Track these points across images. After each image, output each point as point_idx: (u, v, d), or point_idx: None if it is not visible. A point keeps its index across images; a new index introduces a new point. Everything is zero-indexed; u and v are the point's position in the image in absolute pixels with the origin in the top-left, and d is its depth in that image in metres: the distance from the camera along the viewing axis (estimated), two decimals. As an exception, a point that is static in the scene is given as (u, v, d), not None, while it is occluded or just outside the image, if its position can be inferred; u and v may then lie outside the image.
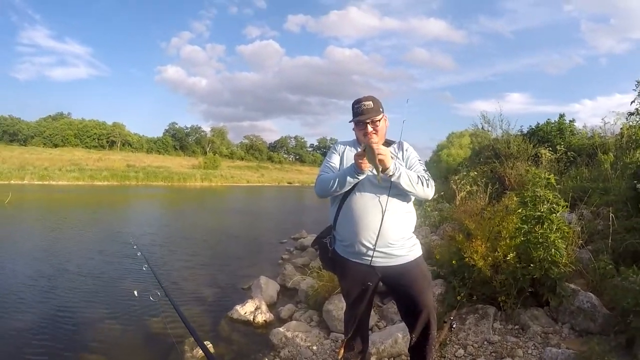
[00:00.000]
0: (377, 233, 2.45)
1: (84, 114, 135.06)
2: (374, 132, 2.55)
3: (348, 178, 2.39)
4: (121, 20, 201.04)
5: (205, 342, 4.23)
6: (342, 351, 3.04)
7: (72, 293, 6.24)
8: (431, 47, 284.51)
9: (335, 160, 2.68)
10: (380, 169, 2.22)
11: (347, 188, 2.46)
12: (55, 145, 68.45)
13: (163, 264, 8.39)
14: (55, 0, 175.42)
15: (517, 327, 3.80)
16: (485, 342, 3.62)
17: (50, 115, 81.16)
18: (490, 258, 4.04)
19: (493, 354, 3.45)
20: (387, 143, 2.65)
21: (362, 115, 2.55)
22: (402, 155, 2.62)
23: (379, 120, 2.56)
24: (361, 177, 2.39)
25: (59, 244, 10.28)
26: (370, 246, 2.48)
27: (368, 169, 2.32)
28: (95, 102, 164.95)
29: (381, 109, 2.58)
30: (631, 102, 5.85)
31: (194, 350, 4.15)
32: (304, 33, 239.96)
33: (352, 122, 2.63)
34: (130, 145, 78.81)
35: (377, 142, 2.53)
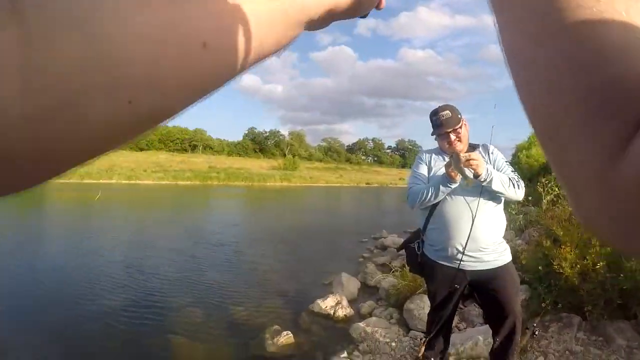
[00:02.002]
0: (470, 238, 2.51)
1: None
2: (457, 140, 2.61)
3: (441, 188, 2.48)
4: None
5: (285, 332, 4.48)
6: (422, 349, 3.12)
7: (160, 279, 6.77)
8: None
9: (423, 170, 2.75)
10: (473, 175, 2.32)
11: (441, 198, 2.54)
12: (141, 149, 72.58)
13: (246, 256, 8.85)
14: None
15: (601, 339, 3.67)
16: (567, 352, 3.54)
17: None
18: (578, 266, 3.92)
19: (574, 364, 3.38)
20: (472, 147, 2.69)
21: (443, 126, 2.60)
22: (489, 158, 2.65)
23: (460, 128, 2.61)
24: (453, 186, 2.47)
25: (146, 235, 11.16)
26: (462, 250, 2.53)
27: (459, 178, 2.41)
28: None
29: (459, 116, 2.61)
30: None
31: (275, 339, 4.38)
32: (375, 37, 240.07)
33: (435, 135, 2.69)
34: (212, 149, 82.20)
35: (462, 149, 2.60)
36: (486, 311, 2.83)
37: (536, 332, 3.67)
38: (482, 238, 2.52)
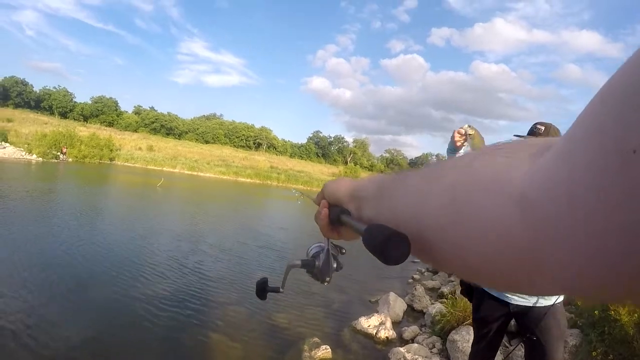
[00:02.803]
0: None
1: (234, 116, 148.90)
2: None
3: (448, 154, 2.51)
4: (271, 34, 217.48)
5: (324, 346, 4.50)
6: None
7: (206, 275, 7.01)
8: (584, 63, 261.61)
9: None
10: None
11: None
12: (206, 142, 75.20)
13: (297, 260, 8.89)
14: (211, 15, 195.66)
15: (652, 396, 3.49)
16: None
17: (204, 115, 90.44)
18: (636, 315, 3.75)
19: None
20: None
21: (529, 135, 2.56)
22: None
23: None
24: (455, 154, 2.41)
25: (199, 228, 11.55)
26: None
27: (460, 145, 2.43)
28: (245, 106, 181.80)
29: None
30: None
31: (313, 351, 4.41)
32: (448, 47, 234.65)
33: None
34: (275, 149, 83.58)
35: None
36: (526, 353, 2.71)
37: (583, 382, 3.53)
38: None
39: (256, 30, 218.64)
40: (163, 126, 77.27)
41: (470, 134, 2.36)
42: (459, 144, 2.42)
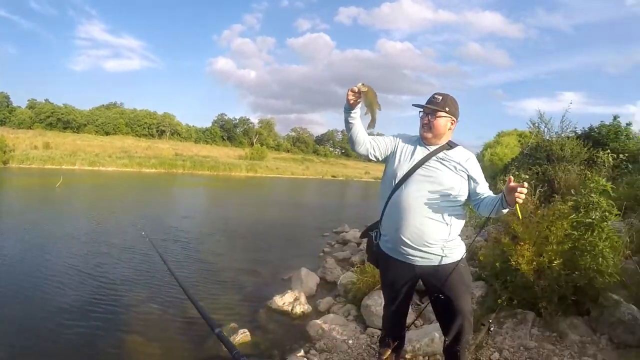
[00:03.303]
0: (417, 232, 2.46)
1: (135, 104, 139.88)
2: (427, 124, 2.54)
3: (345, 114, 2.47)
4: (175, 14, 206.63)
5: (242, 330, 4.39)
6: (387, 352, 3.07)
7: (114, 274, 6.53)
8: (486, 42, 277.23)
9: (386, 139, 2.68)
10: (506, 203, 2.28)
11: (349, 127, 2.52)
12: (107, 133, 70.75)
13: (204, 249, 8.70)
14: None
15: (554, 334, 3.73)
16: (522, 348, 3.57)
17: (103, 105, 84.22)
18: (534, 263, 3.95)
19: (528, 360, 3.39)
20: (450, 145, 2.60)
21: (428, 104, 2.55)
22: (464, 166, 2.56)
23: (438, 117, 2.52)
24: (351, 114, 2.45)
25: (102, 226, 10.76)
26: (410, 244, 2.48)
27: (356, 106, 2.41)
28: (147, 92, 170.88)
29: (447, 109, 2.52)
30: None
31: (232, 337, 4.25)
32: (355, 26, 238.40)
33: (419, 111, 2.62)
34: (179, 135, 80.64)
35: (427, 137, 2.56)
36: (435, 309, 2.76)
37: (491, 329, 3.67)
38: (429, 233, 2.46)
39: (159, 10, 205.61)
40: (60, 120, 70.89)
41: (363, 91, 2.31)
42: (352, 101, 2.37)
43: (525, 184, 2.19)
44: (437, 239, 2.48)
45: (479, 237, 6.71)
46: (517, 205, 2.25)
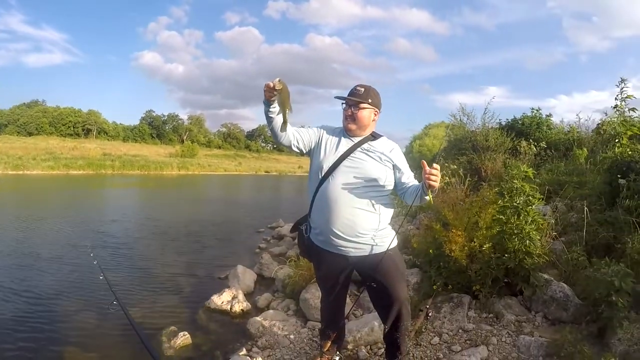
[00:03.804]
0: (347, 223, 2.46)
1: (59, 101, 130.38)
2: (350, 116, 2.55)
3: (264, 107, 2.42)
4: (97, 5, 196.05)
5: (182, 333, 4.26)
6: (328, 344, 3.06)
7: (43, 284, 6.17)
8: (413, 38, 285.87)
9: (310, 131, 2.67)
10: (427, 189, 2.27)
11: (269, 120, 2.46)
12: (30, 134, 66.53)
13: (137, 253, 8.32)
14: None
15: (491, 315, 3.85)
16: (460, 330, 3.67)
17: (24, 103, 78.82)
18: (466, 248, 4.08)
19: (468, 342, 3.49)
20: (373, 136, 2.63)
21: (349, 96, 2.55)
22: (388, 156, 2.60)
23: (361, 109, 2.53)
24: (270, 108, 2.40)
25: (28, 236, 10.00)
26: (342, 235, 2.49)
27: (270, 98, 2.35)
28: (70, 89, 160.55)
29: (370, 100, 2.54)
30: (615, 97, 6.00)
31: (172, 341, 4.16)
32: (284, 20, 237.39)
33: (341, 103, 2.62)
34: (106, 134, 77.15)
35: (351, 129, 2.58)
36: (372, 298, 2.81)
37: (429, 314, 3.77)
38: (360, 223, 2.48)
39: (80, 0, 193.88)
40: (-23, 121, 66.69)
41: (277, 89, 2.27)
42: (268, 97, 2.34)
43: (436, 166, 2.23)
44: (368, 229, 2.50)
45: (411, 226, 6.89)
46: (429, 192, 2.29)
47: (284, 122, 2.41)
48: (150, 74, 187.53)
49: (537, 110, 11.58)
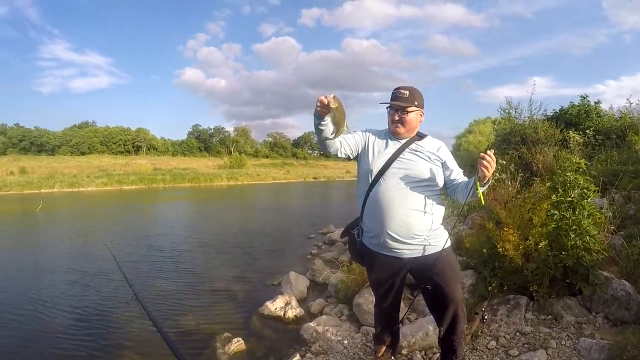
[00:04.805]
0: (402, 225, 2.44)
1: (108, 121, 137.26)
2: (399, 121, 2.53)
3: (314, 119, 2.38)
4: (137, 28, 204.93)
5: (236, 339, 4.34)
6: (382, 349, 3.05)
7: (103, 291, 6.43)
8: (450, 34, 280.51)
9: (356, 135, 2.65)
10: (479, 176, 2.25)
11: (319, 131, 2.42)
12: (82, 153, 69.50)
13: (193, 262, 8.57)
14: (72, 14, 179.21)
15: (549, 317, 3.71)
16: (518, 333, 3.55)
17: (75, 125, 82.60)
18: (521, 246, 3.96)
19: (526, 345, 3.38)
20: (420, 136, 2.62)
21: (393, 100, 2.53)
22: (437, 155, 2.58)
23: (408, 112, 2.52)
24: (321, 122, 2.35)
25: (88, 245, 10.59)
26: (397, 238, 2.46)
27: (322, 114, 2.29)
28: (118, 109, 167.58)
29: (416, 102, 2.53)
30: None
31: (226, 347, 4.26)
32: (319, 27, 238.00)
33: (389, 110, 2.59)
34: (156, 150, 79.68)
35: (400, 133, 2.56)
36: (428, 300, 2.76)
37: (485, 317, 3.64)
38: (414, 224, 2.45)
39: (120, 25, 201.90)
40: (33, 143, 69.77)
41: (333, 107, 2.22)
42: (320, 113, 2.29)
43: (490, 152, 2.20)
44: (422, 230, 2.47)
45: (463, 226, 6.76)
46: (479, 185, 2.26)
47: (336, 137, 2.40)
48: (193, 90, 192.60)
49: (584, 97, 11.14)
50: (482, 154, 2.22)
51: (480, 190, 2.28)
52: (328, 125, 2.38)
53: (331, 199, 28.89)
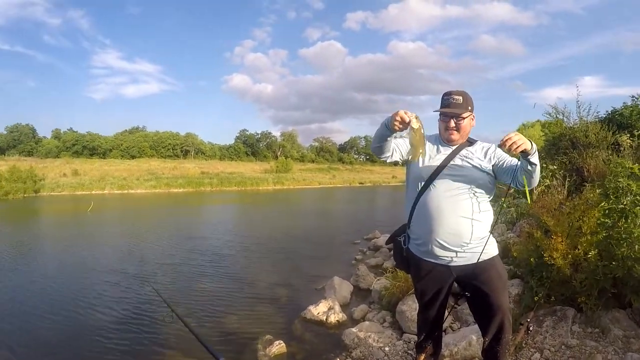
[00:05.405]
0: (452, 232, 2.41)
1: (158, 126, 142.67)
2: (455, 128, 2.50)
3: (381, 130, 2.37)
4: (185, 36, 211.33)
5: (277, 341, 4.42)
6: (422, 357, 3.03)
7: (149, 291, 6.60)
8: (497, 33, 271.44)
9: (407, 141, 2.56)
10: (523, 154, 2.16)
11: (380, 140, 2.43)
12: (132, 157, 71.84)
13: (238, 265, 8.77)
14: (123, 24, 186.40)
15: (597, 330, 3.58)
16: (563, 346, 3.45)
17: (126, 130, 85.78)
18: (570, 256, 3.83)
19: (571, 359, 3.27)
20: (470, 142, 2.59)
21: (449, 108, 2.49)
22: (490, 155, 2.55)
23: (463, 118, 2.49)
24: (390, 134, 2.34)
25: (137, 246, 11.03)
26: (446, 245, 2.44)
27: (397, 130, 2.26)
28: (167, 115, 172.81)
29: (470, 107, 2.50)
30: None
31: (267, 349, 4.35)
32: (364, 30, 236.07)
33: (438, 113, 2.56)
34: (204, 154, 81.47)
35: (455, 140, 2.52)
36: (473, 309, 2.71)
37: (530, 328, 3.56)
38: (466, 233, 2.41)
39: (169, 34, 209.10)
40: (85, 147, 72.74)
41: (413, 128, 2.19)
42: (396, 129, 2.25)
43: (511, 134, 2.12)
44: (472, 237, 2.43)
45: (511, 234, 6.60)
46: (526, 188, 2.23)
47: (413, 159, 2.40)
48: (241, 95, 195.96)
49: (636, 98, 10.60)
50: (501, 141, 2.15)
51: (531, 158, 2.18)
52: (392, 139, 2.40)
53: (377, 204, 28.79)
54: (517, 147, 2.11)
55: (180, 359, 4.37)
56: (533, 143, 2.19)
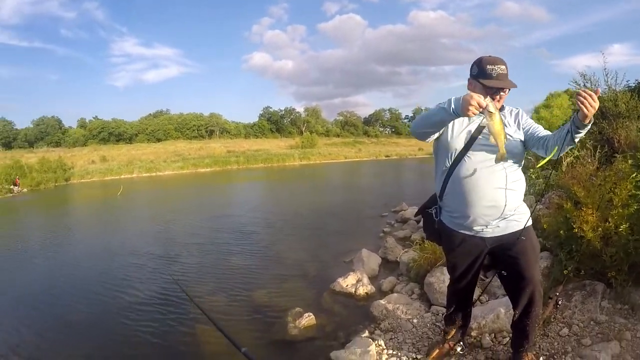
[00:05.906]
0: (489, 204, 2.37)
1: (181, 108, 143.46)
2: (499, 101, 2.35)
3: (441, 115, 2.22)
4: (202, 18, 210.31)
5: (307, 314, 4.51)
6: (452, 331, 3.05)
7: (183, 267, 7.01)
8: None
9: None
10: (580, 116, 2.03)
11: (435, 122, 2.33)
12: (158, 140, 72.68)
13: (267, 240, 8.96)
14: (138, 11, 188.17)
15: (626, 307, 3.47)
16: (592, 322, 3.37)
17: (150, 114, 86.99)
18: (600, 229, 3.74)
19: (599, 335, 3.19)
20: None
21: (496, 80, 2.28)
22: (518, 120, 2.49)
23: (507, 92, 2.36)
24: (454, 118, 2.18)
25: (168, 225, 11.43)
26: (483, 217, 2.40)
27: (473, 117, 2.16)
28: (190, 97, 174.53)
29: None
30: None
31: (297, 321, 4.47)
32: (383, 1, 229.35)
33: (478, 82, 2.31)
34: (229, 133, 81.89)
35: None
36: (504, 280, 2.68)
37: (559, 302, 3.44)
38: (505, 204, 2.36)
39: (186, 17, 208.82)
40: (111, 134, 74.05)
41: (491, 112, 2.06)
42: (471, 114, 2.05)
43: (589, 91, 1.96)
44: (507, 207, 2.38)
45: (540, 206, 6.52)
46: (550, 157, 2.19)
47: (501, 154, 2.22)
48: (262, 73, 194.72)
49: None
50: (579, 90, 1.99)
51: (582, 132, 2.10)
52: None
53: (403, 176, 28.59)
54: (591, 108, 1.99)
55: (204, 346, 4.40)
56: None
